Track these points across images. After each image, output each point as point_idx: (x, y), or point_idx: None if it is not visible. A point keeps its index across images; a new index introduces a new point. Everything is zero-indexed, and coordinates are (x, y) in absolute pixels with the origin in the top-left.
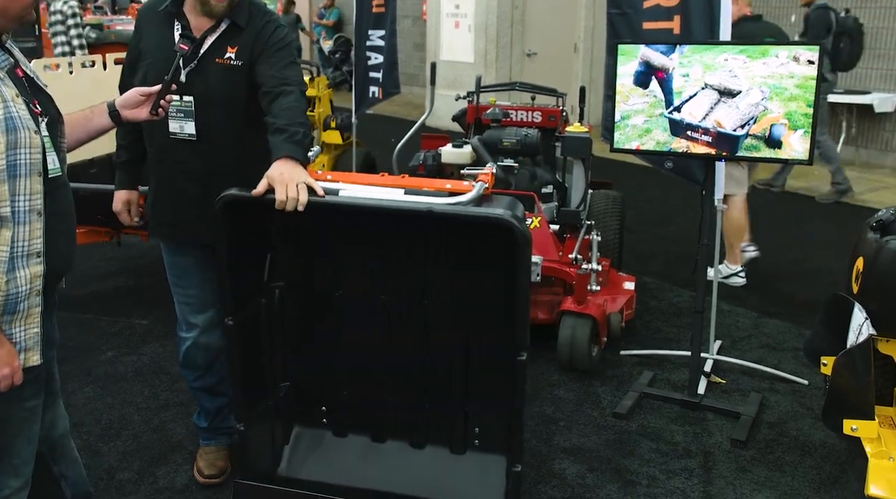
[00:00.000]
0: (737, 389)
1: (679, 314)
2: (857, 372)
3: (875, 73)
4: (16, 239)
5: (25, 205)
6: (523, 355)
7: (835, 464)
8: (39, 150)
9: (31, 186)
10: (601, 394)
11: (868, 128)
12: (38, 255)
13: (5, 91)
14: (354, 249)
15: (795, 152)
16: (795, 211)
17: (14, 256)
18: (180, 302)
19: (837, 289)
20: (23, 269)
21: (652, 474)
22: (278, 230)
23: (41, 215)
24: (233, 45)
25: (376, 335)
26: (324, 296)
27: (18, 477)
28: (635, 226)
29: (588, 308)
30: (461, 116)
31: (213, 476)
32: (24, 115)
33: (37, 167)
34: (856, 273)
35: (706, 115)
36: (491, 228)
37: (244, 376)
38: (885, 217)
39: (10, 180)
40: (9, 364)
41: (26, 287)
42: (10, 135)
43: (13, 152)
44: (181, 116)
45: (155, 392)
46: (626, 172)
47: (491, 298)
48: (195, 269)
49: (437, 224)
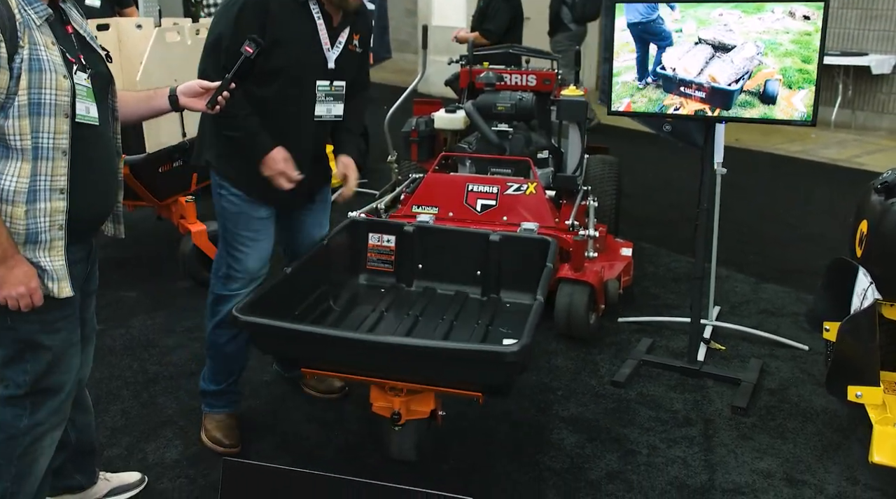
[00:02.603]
0: (736, 355)
1: (677, 280)
2: (862, 338)
3: (872, 35)
4: (38, 172)
5: (49, 142)
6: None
7: (837, 430)
8: (67, 93)
9: (56, 126)
10: (599, 362)
11: (864, 90)
12: (60, 191)
13: (38, 37)
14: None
15: (798, 112)
16: (793, 175)
17: (36, 189)
18: (247, 255)
19: (836, 253)
20: (45, 201)
21: (652, 443)
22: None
23: (66, 155)
24: (356, 33)
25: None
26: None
27: (58, 413)
28: (632, 191)
29: (585, 275)
30: (454, 81)
31: (234, 445)
32: (54, 59)
33: (63, 109)
34: (860, 236)
35: (701, 70)
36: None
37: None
38: (890, 179)
39: (33, 117)
40: (24, 283)
41: (46, 220)
42: (33, 74)
43: (37, 91)
44: (331, 100)
45: (144, 366)
46: (624, 137)
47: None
48: (270, 222)
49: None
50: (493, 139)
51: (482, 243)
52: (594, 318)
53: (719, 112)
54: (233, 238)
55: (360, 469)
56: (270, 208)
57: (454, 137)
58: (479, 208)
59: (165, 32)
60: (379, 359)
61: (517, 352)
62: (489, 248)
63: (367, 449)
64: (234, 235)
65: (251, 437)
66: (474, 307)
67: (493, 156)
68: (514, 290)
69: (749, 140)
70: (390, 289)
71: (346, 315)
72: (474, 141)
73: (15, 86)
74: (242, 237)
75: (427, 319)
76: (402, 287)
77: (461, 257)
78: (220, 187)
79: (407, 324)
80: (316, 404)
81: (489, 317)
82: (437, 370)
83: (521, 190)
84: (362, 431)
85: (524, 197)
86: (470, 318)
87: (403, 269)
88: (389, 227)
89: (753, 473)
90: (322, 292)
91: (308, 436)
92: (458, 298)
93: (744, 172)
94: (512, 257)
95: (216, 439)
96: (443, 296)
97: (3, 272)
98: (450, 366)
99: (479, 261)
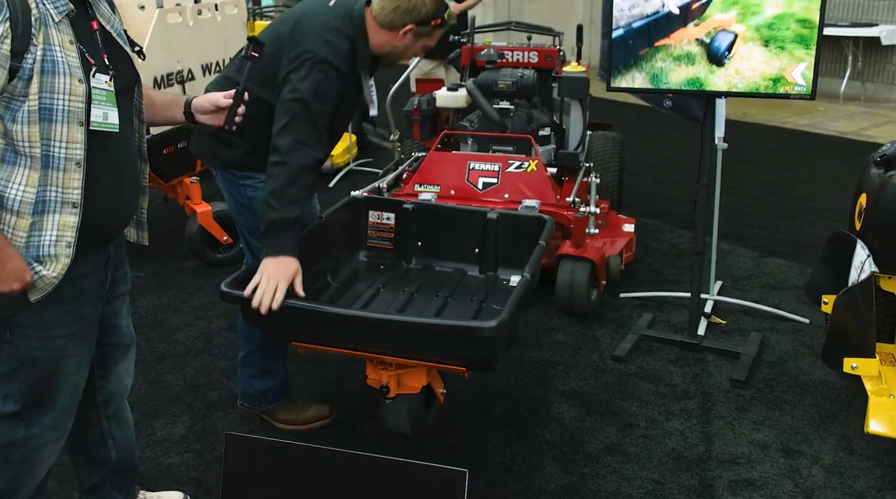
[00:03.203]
0: (737, 329)
1: (680, 256)
2: (859, 310)
3: (882, 5)
4: (48, 183)
5: (61, 152)
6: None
7: (834, 402)
8: (82, 99)
9: (69, 134)
10: (600, 337)
11: (874, 61)
12: (73, 205)
13: (54, 35)
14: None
15: (798, 86)
16: (800, 148)
17: (45, 200)
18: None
19: (841, 227)
20: (53, 214)
21: (651, 416)
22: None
23: (80, 166)
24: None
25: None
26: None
27: (56, 428)
28: (635, 167)
29: (586, 252)
30: (455, 59)
31: (331, 411)
32: (70, 61)
33: (77, 116)
34: (859, 210)
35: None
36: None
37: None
38: (889, 152)
39: (44, 123)
40: (19, 279)
41: (53, 234)
42: (45, 77)
43: (48, 95)
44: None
45: (151, 344)
46: (626, 113)
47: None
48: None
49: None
50: (494, 117)
51: (480, 221)
52: (595, 294)
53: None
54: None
55: (360, 445)
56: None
57: (456, 115)
58: (480, 186)
59: (167, 14)
60: (363, 334)
61: (494, 327)
62: (487, 226)
63: (368, 425)
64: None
65: None
66: (471, 284)
67: (494, 134)
68: (512, 267)
69: (757, 114)
70: (389, 266)
71: (343, 291)
72: (476, 119)
73: (25, 88)
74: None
75: (422, 296)
76: (402, 264)
77: (459, 235)
78: (243, 179)
79: (402, 300)
80: (320, 381)
81: (484, 294)
82: (418, 345)
83: (523, 167)
84: (363, 407)
85: (526, 174)
86: (465, 295)
87: (403, 246)
88: (389, 204)
89: (750, 444)
90: (320, 268)
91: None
92: (456, 276)
93: (751, 146)
94: (509, 235)
95: (312, 417)
96: (441, 273)
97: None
98: (431, 341)
99: (477, 239)
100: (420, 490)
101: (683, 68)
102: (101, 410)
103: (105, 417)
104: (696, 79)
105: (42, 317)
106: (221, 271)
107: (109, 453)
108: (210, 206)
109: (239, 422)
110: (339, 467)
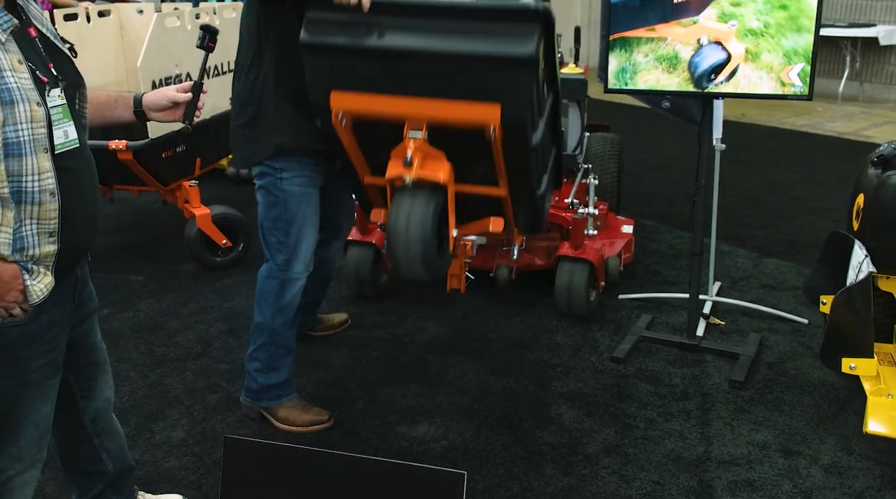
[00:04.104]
0: (736, 330)
1: (679, 256)
2: (857, 310)
3: (880, 5)
4: (23, 218)
5: (34, 185)
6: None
7: (833, 402)
8: (43, 124)
9: (39, 165)
10: (599, 339)
11: (873, 61)
12: (50, 234)
13: (3, 59)
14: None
15: (794, 87)
16: (798, 149)
17: (23, 236)
18: (310, 231)
19: (840, 227)
20: (33, 249)
21: (649, 417)
22: None
23: (55, 195)
24: None
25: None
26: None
27: (22, 460)
28: (634, 169)
29: (585, 253)
30: None
31: (329, 416)
32: (25, 85)
33: (41, 143)
34: (856, 210)
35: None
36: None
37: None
38: (886, 152)
39: (11, 159)
40: (15, 287)
41: (35, 267)
42: (6, 108)
43: (13, 128)
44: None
45: (151, 348)
46: (624, 114)
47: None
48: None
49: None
50: None
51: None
52: (594, 295)
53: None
54: (293, 220)
55: (359, 448)
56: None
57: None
58: None
59: (165, 18)
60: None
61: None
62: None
63: (368, 428)
64: (295, 217)
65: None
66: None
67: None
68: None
69: (755, 115)
70: None
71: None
72: None
73: None
74: (305, 217)
75: None
76: None
77: None
78: (279, 172)
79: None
80: (318, 384)
81: None
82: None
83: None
84: (363, 410)
85: None
86: None
87: None
88: None
89: (749, 445)
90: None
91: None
92: None
93: (750, 146)
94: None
95: (311, 421)
96: None
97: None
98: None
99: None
100: (419, 493)
101: (659, 73)
102: (89, 428)
103: (95, 434)
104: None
105: (18, 354)
106: (221, 275)
107: (106, 465)
108: (209, 209)
109: (238, 425)
110: (338, 470)
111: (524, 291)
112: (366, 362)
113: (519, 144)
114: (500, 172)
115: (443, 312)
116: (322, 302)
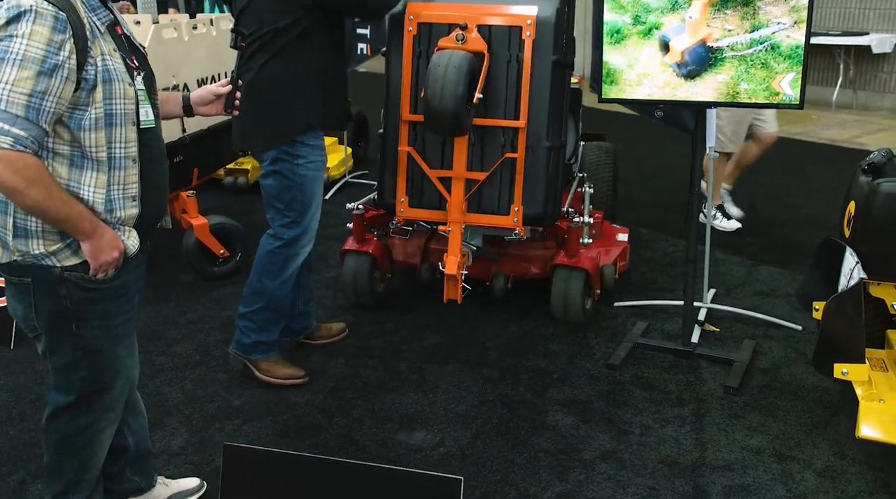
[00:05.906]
0: (730, 336)
1: (674, 264)
2: (848, 316)
3: (873, 13)
4: (112, 182)
5: (121, 152)
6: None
7: (827, 407)
8: (133, 101)
9: (126, 135)
10: (595, 346)
11: (866, 69)
12: (133, 198)
13: (104, 45)
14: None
15: (786, 96)
16: (792, 156)
17: (112, 199)
18: (317, 210)
19: (834, 234)
20: (119, 211)
21: (645, 423)
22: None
23: (136, 162)
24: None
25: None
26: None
27: (115, 410)
28: (629, 177)
29: (580, 261)
30: None
31: (305, 374)
32: (119, 68)
33: (131, 117)
34: (847, 217)
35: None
36: None
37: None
38: (876, 159)
39: (108, 128)
40: (116, 247)
41: (121, 227)
42: (106, 85)
43: (109, 102)
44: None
45: (149, 357)
46: (619, 124)
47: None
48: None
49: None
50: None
51: None
52: (590, 303)
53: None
54: (310, 201)
55: (357, 455)
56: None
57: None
58: None
59: (163, 29)
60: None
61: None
62: None
63: (365, 434)
64: (312, 199)
65: (251, 423)
66: None
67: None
68: None
69: None
70: None
71: None
72: None
73: (87, 97)
74: (317, 198)
75: None
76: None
77: None
78: (296, 159)
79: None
80: (317, 392)
81: None
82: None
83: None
84: (360, 416)
85: None
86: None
87: None
88: None
89: (743, 450)
90: None
91: (309, 422)
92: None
93: None
94: None
95: (289, 374)
96: None
97: (97, 242)
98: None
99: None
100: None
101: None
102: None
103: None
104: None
105: (106, 308)
106: (218, 284)
107: (127, 439)
108: (206, 219)
109: (237, 433)
110: (337, 477)
111: (520, 300)
112: (364, 370)
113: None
114: (524, 93)
115: (440, 320)
116: (311, 294)
